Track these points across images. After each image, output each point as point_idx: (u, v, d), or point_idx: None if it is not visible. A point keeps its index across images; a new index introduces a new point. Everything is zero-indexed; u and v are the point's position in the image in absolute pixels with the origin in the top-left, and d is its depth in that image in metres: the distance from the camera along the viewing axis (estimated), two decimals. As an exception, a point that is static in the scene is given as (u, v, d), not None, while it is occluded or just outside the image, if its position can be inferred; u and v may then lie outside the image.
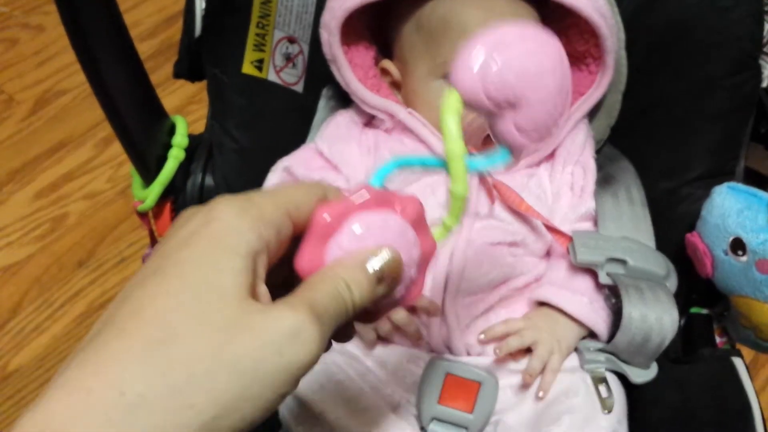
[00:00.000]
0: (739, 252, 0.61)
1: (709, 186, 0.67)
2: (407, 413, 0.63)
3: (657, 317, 0.62)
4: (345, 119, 0.73)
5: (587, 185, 0.70)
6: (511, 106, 0.40)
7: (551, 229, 0.66)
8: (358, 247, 0.38)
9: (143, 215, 0.73)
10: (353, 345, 0.65)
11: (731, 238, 0.62)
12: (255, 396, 0.32)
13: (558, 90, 0.42)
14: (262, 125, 0.76)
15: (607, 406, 0.62)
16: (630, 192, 0.72)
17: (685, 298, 0.71)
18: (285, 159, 0.72)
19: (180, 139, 0.71)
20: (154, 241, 0.76)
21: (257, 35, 0.74)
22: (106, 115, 0.65)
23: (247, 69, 0.74)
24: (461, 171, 0.40)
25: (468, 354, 0.65)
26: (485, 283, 0.65)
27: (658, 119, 0.75)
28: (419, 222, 0.41)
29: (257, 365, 0.32)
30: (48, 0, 1.57)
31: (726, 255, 0.63)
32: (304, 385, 0.36)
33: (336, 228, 0.38)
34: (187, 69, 0.75)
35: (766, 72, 0.72)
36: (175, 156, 0.71)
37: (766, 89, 0.72)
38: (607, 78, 0.69)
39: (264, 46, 0.74)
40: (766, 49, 0.71)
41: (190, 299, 0.32)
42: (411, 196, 0.40)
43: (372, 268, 0.37)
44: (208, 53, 0.74)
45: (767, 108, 0.71)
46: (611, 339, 0.64)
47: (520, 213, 0.66)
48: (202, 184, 0.74)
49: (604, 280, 0.65)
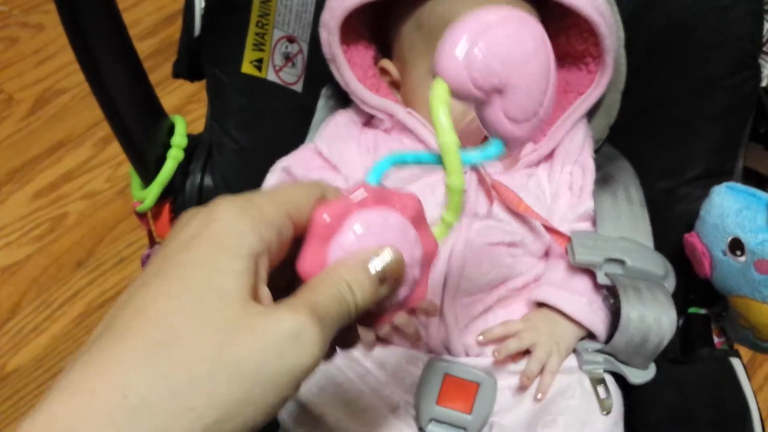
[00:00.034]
0: (738, 252, 0.61)
1: (708, 186, 0.67)
2: (406, 414, 0.63)
3: (655, 318, 0.62)
4: (344, 119, 0.73)
5: (586, 185, 0.70)
6: (499, 92, 0.40)
7: (550, 230, 0.66)
8: (359, 247, 0.37)
9: (142, 215, 0.73)
10: (352, 346, 0.65)
11: (730, 238, 0.62)
12: (257, 399, 0.32)
13: (543, 72, 0.41)
14: (261, 125, 0.76)
15: (606, 407, 0.61)
16: (629, 192, 0.72)
17: (684, 298, 0.71)
18: (284, 159, 0.72)
19: (179, 139, 0.71)
20: (152, 242, 0.76)
21: (257, 34, 0.74)
22: (104, 115, 0.64)
23: (247, 68, 0.74)
24: (456, 163, 0.39)
25: (467, 355, 0.65)
26: (484, 284, 0.65)
27: (657, 119, 0.75)
28: (419, 220, 0.40)
29: (259, 368, 0.32)
30: (47, -1, 1.57)
31: (724, 255, 0.63)
32: (303, 387, 0.35)
33: (336, 228, 0.37)
34: (187, 68, 0.75)
35: (765, 71, 0.72)
36: (174, 156, 0.71)
37: (765, 89, 0.72)
38: (606, 77, 0.69)
39: (263, 45, 0.74)
40: (765, 49, 0.71)
41: (191, 301, 0.32)
42: (409, 193, 0.40)
43: (374, 268, 0.37)
44: (207, 52, 0.74)
45: (766, 108, 0.71)
46: (609, 339, 0.64)
47: (518, 213, 0.66)
48: (201, 184, 0.74)
49: (602, 280, 0.65)
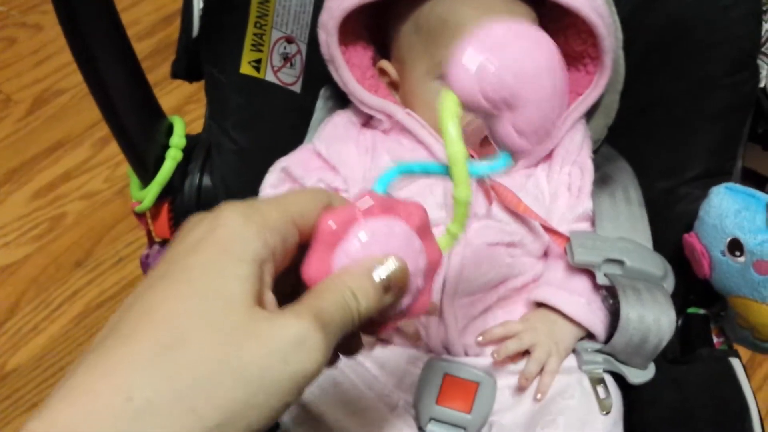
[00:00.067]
0: (737, 253, 0.61)
1: (707, 186, 0.67)
2: (405, 414, 0.63)
3: (654, 318, 0.62)
4: (343, 119, 0.73)
5: (584, 185, 0.70)
6: (509, 106, 0.40)
7: (549, 230, 0.66)
8: (364, 255, 0.37)
9: (141, 215, 0.73)
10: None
11: (729, 238, 0.62)
12: (260, 404, 0.32)
13: (555, 88, 0.41)
14: (260, 125, 0.76)
15: (605, 407, 0.61)
16: (627, 192, 0.72)
17: (683, 298, 0.71)
18: (283, 159, 0.72)
19: (178, 140, 0.71)
20: (151, 242, 0.76)
21: (255, 35, 0.74)
22: (103, 116, 0.64)
23: (245, 69, 0.74)
24: (464, 175, 0.39)
25: (466, 354, 0.65)
26: (483, 284, 0.65)
27: (656, 119, 0.75)
28: (424, 230, 0.40)
29: (263, 373, 0.32)
30: (45, -1, 1.57)
31: (723, 256, 0.63)
32: (304, 389, 0.35)
33: (341, 235, 0.38)
34: (185, 69, 0.75)
35: (764, 72, 0.72)
36: (173, 156, 0.71)
37: (764, 89, 0.72)
38: (605, 78, 0.69)
39: (262, 45, 0.74)
40: (764, 49, 0.71)
41: (197, 305, 0.32)
42: (415, 203, 0.40)
43: (378, 276, 0.37)
44: (205, 53, 0.74)
45: (765, 108, 0.71)
46: (609, 340, 0.64)
47: (517, 213, 0.66)
48: (199, 184, 0.74)
49: (601, 280, 0.65)
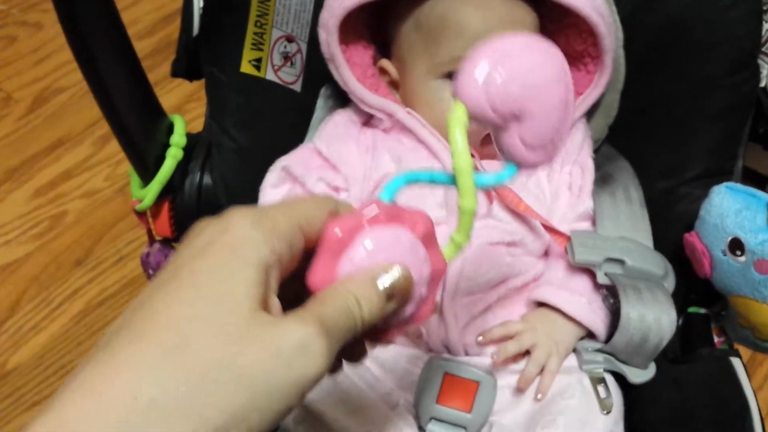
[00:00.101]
0: (738, 252, 0.61)
1: (708, 185, 0.67)
2: (406, 413, 0.63)
3: (655, 317, 0.62)
4: (343, 118, 0.73)
5: (585, 185, 0.70)
6: (516, 118, 0.40)
7: (549, 229, 0.66)
8: (369, 263, 0.38)
9: (141, 214, 0.73)
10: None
11: (729, 238, 0.62)
12: (263, 407, 0.32)
13: (562, 101, 0.42)
14: (260, 124, 0.76)
15: (606, 406, 0.61)
16: (628, 191, 0.72)
17: (684, 297, 0.71)
18: (283, 158, 0.72)
19: (178, 139, 0.71)
20: (152, 240, 0.76)
21: (255, 34, 0.73)
22: (103, 114, 0.64)
23: (245, 68, 0.74)
24: (470, 186, 0.40)
25: (466, 354, 0.65)
26: (484, 283, 0.65)
27: (656, 118, 0.75)
28: (429, 239, 0.40)
29: (267, 377, 0.32)
30: (46, -3, 1.57)
31: (724, 255, 0.63)
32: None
33: (347, 243, 0.38)
34: (185, 67, 0.74)
35: (764, 71, 0.72)
36: (173, 155, 0.71)
37: (764, 89, 0.72)
38: (605, 77, 0.69)
39: (262, 44, 0.74)
40: (765, 49, 0.71)
41: (204, 309, 0.33)
42: (420, 212, 0.40)
43: (382, 284, 0.38)
44: (205, 52, 0.74)
45: (765, 108, 0.71)
46: (609, 339, 0.64)
47: (518, 213, 0.66)
48: (200, 183, 0.74)
49: (602, 280, 0.65)
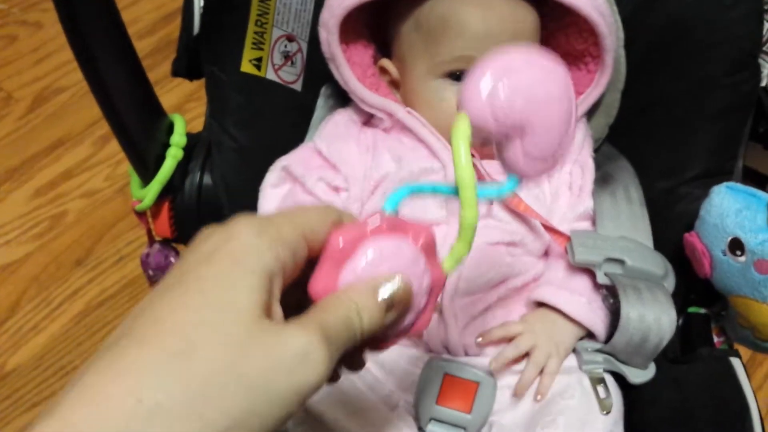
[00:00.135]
0: (738, 252, 0.61)
1: (708, 185, 0.66)
2: (405, 413, 0.63)
3: (655, 317, 0.62)
4: (344, 118, 0.73)
5: (585, 184, 0.70)
6: (519, 132, 0.41)
7: (549, 229, 0.66)
8: (370, 273, 0.38)
9: (141, 214, 0.73)
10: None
11: (730, 238, 0.62)
12: (263, 413, 0.33)
13: (565, 117, 0.42)
14: (260, 124, 0.76)
15: (606, 406, 0.61)
16: (628, 191, 0.72)
17: (683, 297, 0.70)
18: (283, 158, 0.72)
19: (178, 138, 0.71)
20: (152, 240, 0.76)
21: (256, 33, 0.73)
22: (103, 114, 0.64)
23: (246, 67, 0.74)
24: (472, 198, 0.40)
25: (466, 354, 0.65)
26: (483, 283, 0.65)
27: (657, 118, 0.75)
28: (430, 250, 0.41)
29: (269, 384, 0.33)
30: (46, -3, 1.57)
31: (724, 255, 0.63)
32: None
33: (350, 253, 0.38)
34: (186, 67, 0.74)
35: (765, 71, 0.72)
36: (174, 155, 0.70)
37: (765, 88, 0.72)
38: (606, 77, 0.69)
39: (262, 44, 0.74)
40: (765, 48, 0.71)
41: (209, 315, 0.33)
42: (423, 224, 0.41)
43: (383, 295, 0.38)
44: (206, 51, 0.74)
45: (766, 107, 0.71)
46: (609, 339, 0.64)
47: (518, 213, 0.66)
48: (200, 183, 0.74)
49: (602, 280, 0.65)
